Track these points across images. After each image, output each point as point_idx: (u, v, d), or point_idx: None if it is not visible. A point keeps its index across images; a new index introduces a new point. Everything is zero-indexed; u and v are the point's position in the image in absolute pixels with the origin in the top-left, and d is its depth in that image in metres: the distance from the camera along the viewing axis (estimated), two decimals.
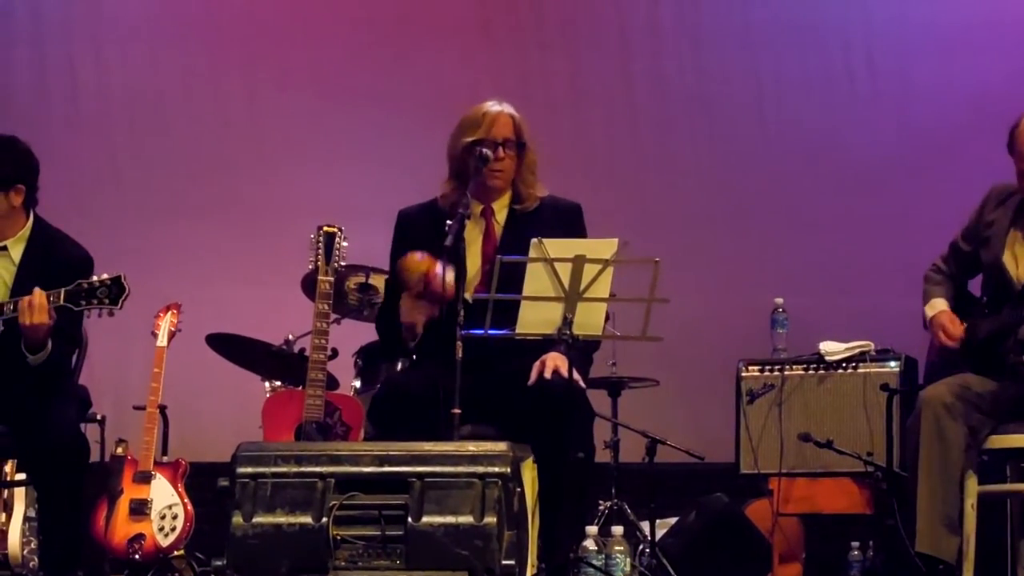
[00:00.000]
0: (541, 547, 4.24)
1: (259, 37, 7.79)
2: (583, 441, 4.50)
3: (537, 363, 4.51)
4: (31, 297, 4.63)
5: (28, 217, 4.91)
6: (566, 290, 4.36)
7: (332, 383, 5.93)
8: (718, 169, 7.68)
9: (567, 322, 4.36)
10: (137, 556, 5.70)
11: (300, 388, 5.83)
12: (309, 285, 5.90)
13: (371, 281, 6.21)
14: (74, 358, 5.02)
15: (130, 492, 5.79)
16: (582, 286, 4.35)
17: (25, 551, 5.92)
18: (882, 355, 5.80)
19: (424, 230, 4.64)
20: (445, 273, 4.43)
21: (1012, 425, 4.81)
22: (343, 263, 5.71)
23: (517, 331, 4.39)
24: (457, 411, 4.26)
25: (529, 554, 3.98)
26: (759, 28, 7.74)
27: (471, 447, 3.87)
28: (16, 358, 4.70)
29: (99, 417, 5.44)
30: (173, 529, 5.78)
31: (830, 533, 6.05)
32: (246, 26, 7.81)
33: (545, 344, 4.50)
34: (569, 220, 4.78)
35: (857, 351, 5.82)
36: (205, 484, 5.15)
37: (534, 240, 4.38)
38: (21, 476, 5.57)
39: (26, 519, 5.95)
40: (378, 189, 7.06)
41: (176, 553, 5.81)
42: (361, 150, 7.67)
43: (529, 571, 3.97)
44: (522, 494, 3.90)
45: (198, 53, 7.79)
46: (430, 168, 4.93)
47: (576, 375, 4.42)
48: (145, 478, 5.82)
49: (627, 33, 7.84)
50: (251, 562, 3.77)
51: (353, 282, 6.25)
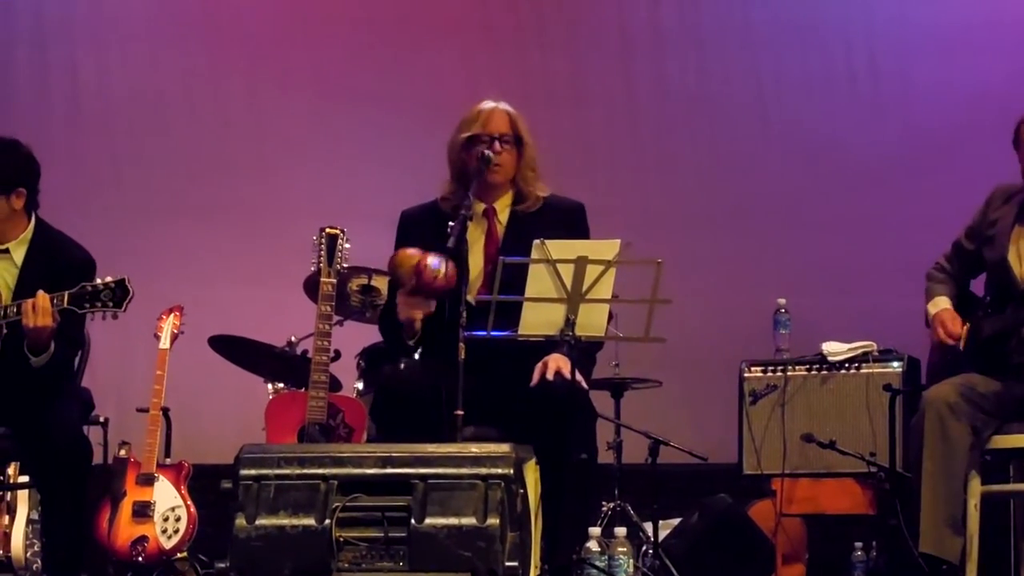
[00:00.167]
0: (544, 548, 4.24)
1: (259, 37, 7.79)
2: (586, 442, 4.49)
3: (539, 364, 4.50)
4: (35, 300, 4.63)
5: (30, 220, 4.92)
6: (568, 291, 4.35)
7: (335, 385, 5.92)
8: (719, 169, 7.67)
9: (569, 323, 4.35)
10: (140, 558, 5.68)
11: (303, 390, 5.82)
12: (311, 287, 5.90)
13: (373, 283, 6.21)
14: (77, 360, 5.02)
15: (133, 494, 5.77)
16: (584, 287, 4.34)
17: (28, 553, 5.90)
18: (885, 355, 5.78)
19: (427, 230, 4.62)
20: (441, 265, 4.42)
21: (1016, 425, 4.81)
22: (345, 265, 5.72)
23: (519, 332, 4.38)
24: (460, 413, 4.25)
25: (532, 555, 3.97)
26: (760, 28, 7.74)
27: (474, 448, 3.87)
28: (19, 360, 4.70)
29: (102, 419, 5.43)
30: (176, 531, 5.77)
31: (833, 534, 6.04)
32: (246, 26, 7.80)
33: (548, 345, 4.49)
34: (572, 220, 4.78)
35: (860, 351, 5.81)
36: (208, 486, 5.14)
37: (536, 241, 4.37)
38: (24, 478, 5.55)
39: (29, 521, 5.93)
40: (379, 189, 7.07)
41: (179, 555, 5.78)
42: (362, 150, 7.66)
43: (532, 572, 3.97)
44: (525, 495, 3.89)
45: (198, 53, 7.79)
46: (431, 168, 4.93)
47: (579, 376, 4.41)
48: (148, 480, 5.80)
49: (628, 33, 7.84)
50: (254, 564, 3.77)
51: (356, 284, 6.26)
